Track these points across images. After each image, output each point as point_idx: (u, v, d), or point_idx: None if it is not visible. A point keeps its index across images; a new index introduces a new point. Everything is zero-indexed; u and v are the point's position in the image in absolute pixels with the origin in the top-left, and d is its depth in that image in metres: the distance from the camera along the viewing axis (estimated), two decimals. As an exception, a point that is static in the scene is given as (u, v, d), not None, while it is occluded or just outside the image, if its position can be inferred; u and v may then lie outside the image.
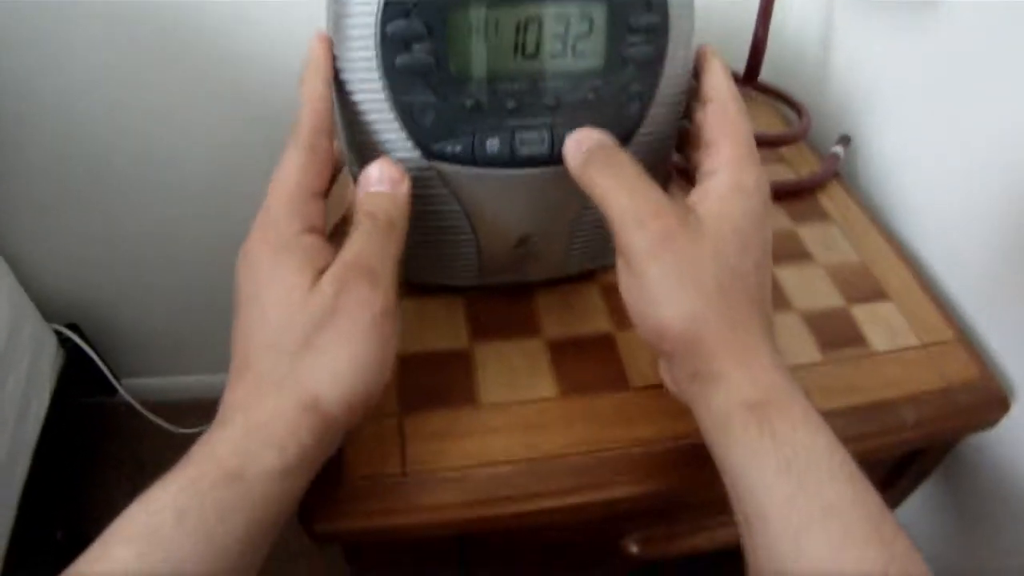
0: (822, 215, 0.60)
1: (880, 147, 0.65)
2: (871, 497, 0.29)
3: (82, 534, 1.03)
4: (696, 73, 0.38)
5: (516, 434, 0.42)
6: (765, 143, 0.66)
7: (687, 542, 0.50)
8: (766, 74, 0.71)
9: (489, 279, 0.48)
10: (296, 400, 0.31)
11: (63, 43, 0.77)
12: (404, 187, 0.35)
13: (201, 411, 1.16)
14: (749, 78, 0.71)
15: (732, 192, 0.34)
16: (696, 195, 0.35)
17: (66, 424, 1.03)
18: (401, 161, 0.37)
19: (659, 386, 0.43)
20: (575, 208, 0.42)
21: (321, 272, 0.32)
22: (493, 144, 0.36)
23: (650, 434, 0.42)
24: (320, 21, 0.36)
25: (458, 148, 0.36)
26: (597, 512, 0.42)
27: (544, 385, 0.45)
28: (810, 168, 0.65)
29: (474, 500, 0.39)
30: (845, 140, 0.66)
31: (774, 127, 0.71)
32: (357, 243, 0.33)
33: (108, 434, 1.20)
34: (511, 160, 0.37)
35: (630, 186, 0.33)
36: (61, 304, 1.06)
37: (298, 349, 0.31)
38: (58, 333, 1.05)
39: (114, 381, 1.13)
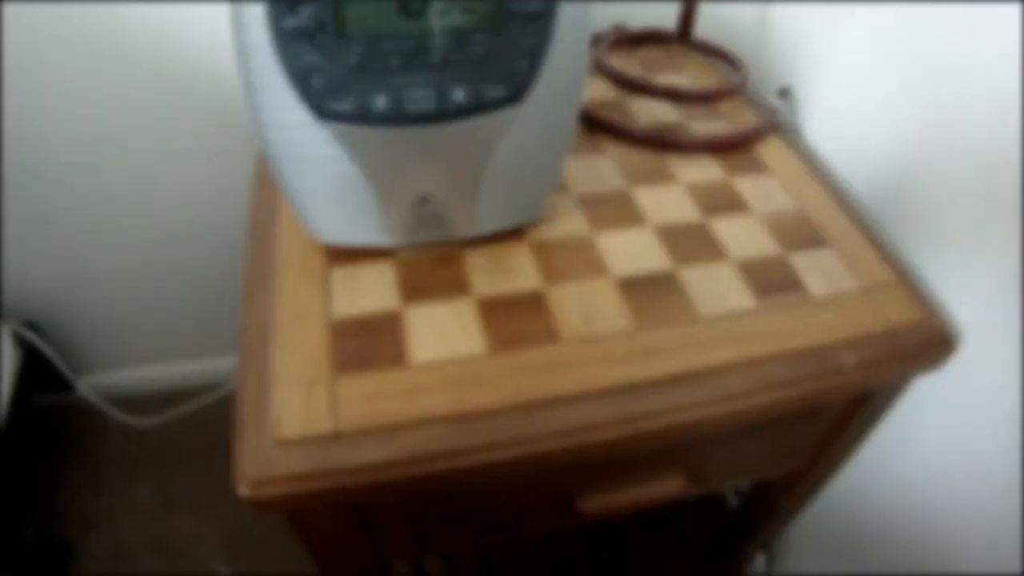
0: (760, 167, 0.60)
1: (823, 98, 0.64)
2: None
3: (49, 531, 1.02)
4: None
5: (446, 392, 0.42)
6: (699, 98, 0.65)
7: (626, 495, 0.50)
8: (705, 30, 0.69)
9: (405, 238, 0.47)
10: None
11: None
12: None
13: (159, 403, 1.17)
14: (682, 35, 0.70)
15: None
16: None
17: (28, 424, 1.01)
18: (295, 121, 0.36)
19: (588, 339, 0.43)
20: (473, 168, 0.41)
21: None
22: (380, 102, 0.35)
23: (579, 387, 0.42)
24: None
25: (347, 107, 0.35)
26: (529, 467, 0.41)
27: (474, 342, 0.44)
28: (749, 121, 0.64)
29: (406, 458, 0.39)
30: (784, 92, 0.65)
31: (710, 82, 0.70)
32: None
33: (69, 432, 1.18)
34: (399, 117, 0.35)
35: None
36: (17, 302, 1.05)
37: None
38: (15, 333, 1.03)
39: (71, 378, 1.11)
